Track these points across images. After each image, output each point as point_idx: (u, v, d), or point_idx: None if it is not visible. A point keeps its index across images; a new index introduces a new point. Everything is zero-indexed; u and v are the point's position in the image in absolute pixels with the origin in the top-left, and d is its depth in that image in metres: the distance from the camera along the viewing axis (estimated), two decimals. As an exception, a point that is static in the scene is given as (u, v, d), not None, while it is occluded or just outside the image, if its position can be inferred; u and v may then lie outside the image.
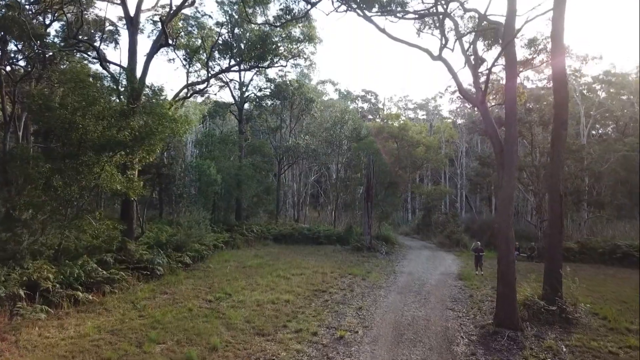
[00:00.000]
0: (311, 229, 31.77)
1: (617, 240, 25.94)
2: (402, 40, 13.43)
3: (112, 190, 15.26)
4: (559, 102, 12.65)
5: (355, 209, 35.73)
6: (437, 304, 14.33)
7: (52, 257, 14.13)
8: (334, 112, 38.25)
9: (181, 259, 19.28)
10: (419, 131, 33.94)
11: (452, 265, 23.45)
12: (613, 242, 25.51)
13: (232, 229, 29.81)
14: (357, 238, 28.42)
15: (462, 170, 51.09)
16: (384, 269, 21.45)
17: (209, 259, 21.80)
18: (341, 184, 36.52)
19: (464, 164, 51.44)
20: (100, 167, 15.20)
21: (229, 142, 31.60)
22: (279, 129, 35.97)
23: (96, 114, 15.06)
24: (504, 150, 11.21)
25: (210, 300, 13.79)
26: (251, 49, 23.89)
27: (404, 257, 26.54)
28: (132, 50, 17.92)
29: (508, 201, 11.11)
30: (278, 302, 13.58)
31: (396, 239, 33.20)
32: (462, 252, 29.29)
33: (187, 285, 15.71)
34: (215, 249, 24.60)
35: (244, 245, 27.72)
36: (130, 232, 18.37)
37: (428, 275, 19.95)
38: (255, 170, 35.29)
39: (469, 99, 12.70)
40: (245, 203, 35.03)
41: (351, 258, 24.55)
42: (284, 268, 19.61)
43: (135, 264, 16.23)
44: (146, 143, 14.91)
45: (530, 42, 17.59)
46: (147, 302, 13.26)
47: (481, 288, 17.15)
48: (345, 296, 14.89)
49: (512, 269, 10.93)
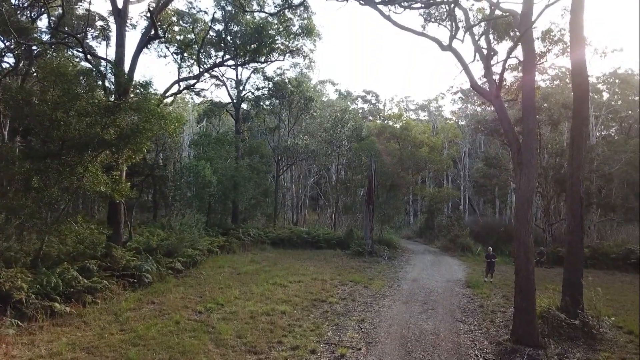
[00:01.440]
0: (310, 233, 30.77)
1: (630, 245, 24.94)
2: (409, 29, 12.48)
3: (95, 192, 14.24)
4: (579, 97, 11.67)
5: (356, 211, 34.73)
6: (446, 315, 13.32)
7: (29, 264, 13.14)
8: (334, 111, 37.24)
9: (172, 265, 18.27)
10: (422, 131, 32.93)
11: (458, 271, 22.46)
12: (626, 247, 24.52)
13: (228, 232, 28.81)
14: (358, 242, 27.42)
15: (465, 171, 50.11)
16: (386, 275, 20.46)
17: (202, 264, 20.80)
18: (341, 186, 35.51)
19: (467, 166, 50.45)
20: (84, 167, 14.23)
21: (225, 143, 30.59)
22: (277, 129, 34.96)
23: (79, 110, 14.11)
24: (522, 148, 10.23)
25: (200, 312, 12.78)
26: (246, 42, 22.87)
27: (407, 262, 25.54)
28: (120, 43, 16.96)
29: (527, 204, 10.12)
30: (273, 314, 12.58)
31: (399, 243, 32.21)
32: (467, 256, 28.33)
33: (176, 294, 14.69)
34: (210, 254, 23.61)
35: (240, 249, 26.70)
36: (117, 236, 17.37)
37: (434, 282, 18.95)
38: (252, 171, 34.31)
39: (482, 93, 11.73)
40: (242, 205, 34.02)
41: (352, 263, 23.55)
42: (281, 275, 18.61)
43: (121, 271, 15.20)
44: (132, 141, 13.91)
45: (545, 34, 16.64)
46: (131, 314, 12.25)
47: (491, 297, 16.14)
48: (346, 306, 13.89)
49: (532, 280, 9.92)
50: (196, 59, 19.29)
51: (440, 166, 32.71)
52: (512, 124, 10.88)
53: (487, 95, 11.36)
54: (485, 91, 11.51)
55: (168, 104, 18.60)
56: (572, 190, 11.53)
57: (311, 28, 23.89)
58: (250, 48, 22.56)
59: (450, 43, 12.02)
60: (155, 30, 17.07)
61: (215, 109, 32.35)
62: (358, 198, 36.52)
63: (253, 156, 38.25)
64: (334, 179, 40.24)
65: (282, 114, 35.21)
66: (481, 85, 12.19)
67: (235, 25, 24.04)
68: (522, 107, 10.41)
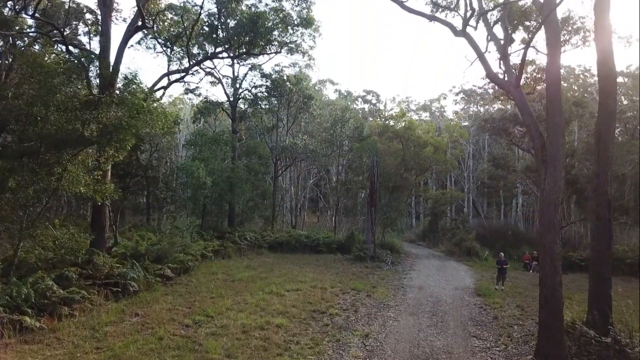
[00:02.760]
0: (309, 236, 29.65)
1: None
2: (420, 13, 11.41)
3: (75, 193, 13.15)
4: (605, 90, 10.60)
5: (357, 214, 33.60)
6: (458, 329, 12.21)
7: (0, 273, 12.05)
8: (334, 110, 36.09)
9: (161, 271, 17.14)
10: (427, 130, 31.82)
11: (465, 278, 21.36)
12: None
13: (224, 236, 27.72)
14: (359, 246, 26.30)
15: (469, 173, 49.02)
16: (390, 282, 19.35)
17: (194, 270, 19.68)
18: (342, 188, 34.38)
19: (471, 167, 49.36)
20: (62, 166, 13.13)
21: (221, 142, 29.49)
22: (275, 128, 33.82)
23: (57, 104, 13.02)
24: (547, 144, 9.14)
25: (188, 325, 11.66)
26: (240, 33, 21.72)
27: (411, 267, 24.43)
28: (105, 34, 15.91)
29: (552, 207, 9.02)
30: (268, 328, 11.46)
31: (401, 246, 31.10)
32: (473, 261, 27.23)
33: (163, 305, 13.57)
34: (204, 259, 22.51)
35: (236, 254, 25.58)
36: (102, 241, 16.27)
37: (441, 290, 17.85)
38: (249, 172, 33.21)
39: (500, 83, 10.68)
40: (239, 208, 32.94)
41: (353, 269, 22.45)
42: (278, 282, 17.49)
43: (103, 280, 14.10)
44: (115, 138, 12.82)
45: (564, 22, 15.55)
46: (111, 328, 11.14)
47: (505, 307, 15.04)
48: (348, 319, 12.78)
49: (560, 293, 8.84)
50: (185, 51, 18.16)
51: (444, 167, 31.60)
52: (535, 118, 9.79)
53: (505, 86, 10.29)
54: (503, 81, 10.44)
55: (157, 99, 17.47)
56: (599, 192, 10.43)
57: (310, 19, 22.82)
58: (244, 39, 21.43)
59: (464, 28, 10.94)
60: (143, 19, 16.02)
61: (211, 107, 31.22)
62: (359, 200, 35.40)
63: (251, 157, 37.18)
64: (334, 180, 39.12)
65: (281, 113, 34.11)
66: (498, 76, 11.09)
67: (229, 15, 22.87)
68: (547, 97, 9.34)
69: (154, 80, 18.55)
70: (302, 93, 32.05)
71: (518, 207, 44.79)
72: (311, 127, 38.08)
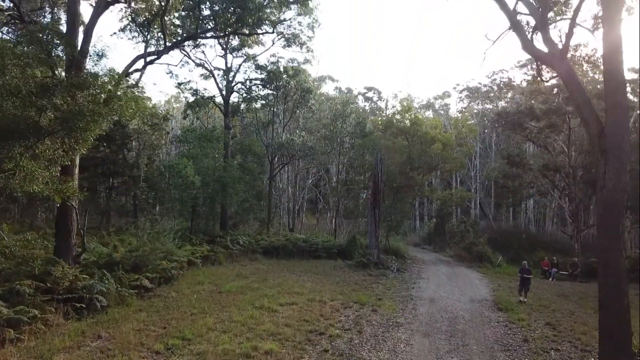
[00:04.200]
0: (308, 240, 27.74)
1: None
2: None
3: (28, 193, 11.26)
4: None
5: (359, 216, 31.66)
6: (484, 355, 10.30)
7: None
8: (335, 104, 34.12)
9: (138, 282, 15.22)
10: (434, 126, 29.89)
11: (480, 287, 19.47)
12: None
13: (215, 240, 25.83)
14: (362, 252, 24.38)
15: (476, 172, 47.11)
16: (398, 292, 17.47)
17: (178, 280, 17.79)
18: (342, 188, 32.43)
19: (478, 166, 47.44)
20: (14, 161, 11.21)
21: (212, 139, 27.58)
22: (271, 124, 31.87)
23: (8, 88, 11.13)
24: (606, 131, 7.25)
25: (158, 352, 9.76)
26: (226, 8, 19.65)
27: (419, 275, 22.54)
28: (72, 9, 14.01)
29: (616, 210, 7.13)
30: (255, 356, 9.56)
31: (407, 251, 29.18)
32: (486, 267, 25.33)
33: (134, 324, 11.64)
34: (190, 266, 20.64)
35: (227, 260, 23.67)
36: (67, 249, 14.34)
37: (455, 302, 15.95)
38: (243, 171, 31.32)
39: (540, 56, 8.83)
40: (232, 210, 31.01)
41: (356, 277, 20.56)
42: (270, 294, 15.60)
43: (65, 295, 12.17)
44: (75, 128, 10.91)
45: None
46: (64, 357, 9.23)
47: (532, 325, 13.15)
48: (351, 342, 10.88)
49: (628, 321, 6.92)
50: (160, 27, 16.27)
51: (453, 165, 29.65)
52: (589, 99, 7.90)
53: (547, 60, 8.44)
54: (544, 54, 8.55)
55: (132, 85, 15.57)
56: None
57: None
58: (231, 18, 19.42)
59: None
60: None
61: (202, 101, 29.29)
62: (361, 201, 33.48)
63: (246, 155, 35.28)
64: (334, 180, 37.17)
65: (277, 108, 32.17)
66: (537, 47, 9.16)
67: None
68: (605, 71, 7.45)
69: (135, 69, 16.59)
70: (300, 86, 30.12)
71: (528, 208, 42.94)
72: (310, 123, 36.14)
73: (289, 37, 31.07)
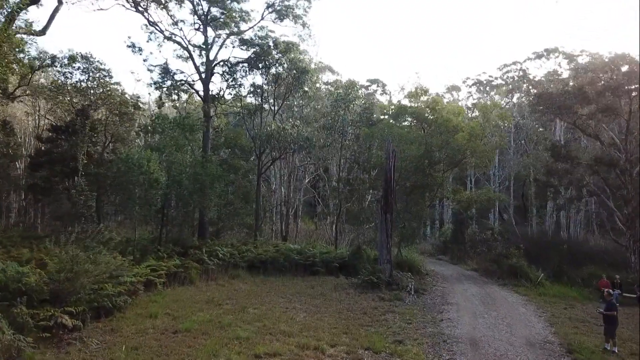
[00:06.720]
0: (303, 252, 23.32)
1: None
2: None
3: None
4: None
5: (365, 222, 27.19)
6: None
7: None
8: (337, 87, 29.63)
9: (52, 321, 10.81)
10: (456, 112, 25.30)
11: (531, 318, 15.02)
12: None
13: (188, 252, 21.43)
14: (370, 267, 19.90)
15: (495, 170, 42.62)
16: (422, 329, 13.12)
17: (123, 310, 13.47)
18: (345, 188, 27.95)
19: (497, 163, 42.90)
20: None
21: (186, 128, 23.17)
22: (258, 110, 27.40)
23: None
24: None
25: None
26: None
27: (443, 298, 18.09)
28: None
29: None
30: None
31: (423, 265, 24.72)
32: (525, 287, 20.82)
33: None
34: (148, 289, 16.30)
35: (201, 278, 19.37)
36: None
37: (507, 346, 11.55)
38: (227, 169, 26.90)
39: None
40: (214, 214, 26.57)
41: (364, 303, 16.19)
42: (246, 335, 11.28)
43: None
44: None
45: None
46: None
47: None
48: None
49: None
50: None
51: (481, 160, 24.92)
52: None
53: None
54: None
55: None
56: None
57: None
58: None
59: None
60: None
61: (175, 85, 24.85)
62: (366, 204, 29.00)
63: (233, 150, 30.89)
64: (335, 179, 32.67)
65: (266, 93, 27.72)
66: None
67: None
68: None
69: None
70: (294, 65, 25.70)
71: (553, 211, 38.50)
72: (306, 112, 31.70)
73: (281, 8, 26.80)
